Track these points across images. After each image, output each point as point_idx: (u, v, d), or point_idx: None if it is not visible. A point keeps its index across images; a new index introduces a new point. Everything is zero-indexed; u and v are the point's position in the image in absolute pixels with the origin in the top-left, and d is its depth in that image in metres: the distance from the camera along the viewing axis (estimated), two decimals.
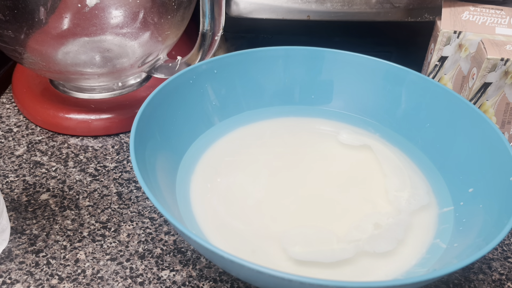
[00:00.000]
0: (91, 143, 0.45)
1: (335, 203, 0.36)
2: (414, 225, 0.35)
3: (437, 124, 0.40)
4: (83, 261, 0.34)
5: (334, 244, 0.33)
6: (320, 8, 0.48)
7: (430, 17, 0.49)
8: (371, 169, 0.39)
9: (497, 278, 0.35)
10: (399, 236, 0.33)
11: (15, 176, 0.41)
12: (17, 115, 0.48)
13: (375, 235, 0.33)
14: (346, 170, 0.39)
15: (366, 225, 0.34)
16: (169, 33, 0.44)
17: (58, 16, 0.39)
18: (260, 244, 0.33)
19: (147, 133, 0.35)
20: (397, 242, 0.33)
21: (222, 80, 0.42)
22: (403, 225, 0.34)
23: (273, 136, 0.42)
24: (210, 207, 0.35)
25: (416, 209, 0.35)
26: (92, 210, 0.38)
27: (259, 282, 0.28)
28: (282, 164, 0.39)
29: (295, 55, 0.44)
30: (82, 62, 0.42)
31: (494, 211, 0.32)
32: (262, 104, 0.44)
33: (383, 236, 0.33)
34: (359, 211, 0.35)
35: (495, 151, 0.35)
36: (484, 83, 0.41)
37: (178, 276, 0.34)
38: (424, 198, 0.36)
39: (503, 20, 0.44)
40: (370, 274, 0.31)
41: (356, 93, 0.44)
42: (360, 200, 0.36)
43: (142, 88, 0.49)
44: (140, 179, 0.30)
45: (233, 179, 0.38)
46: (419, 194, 0.36)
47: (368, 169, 0.39)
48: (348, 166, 0.39)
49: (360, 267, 0.32)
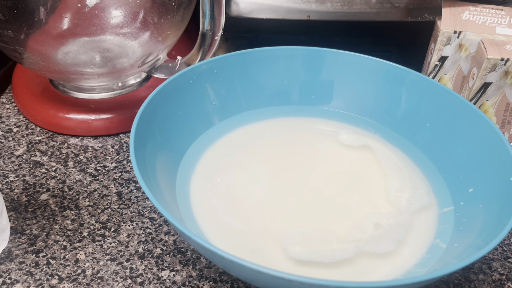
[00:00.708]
0: (91, 143, 0.45)
1: (335, 203, 0.36)
2: (415, 225, 0.35)
3: (437, 124, 0.40)
4: (83, 261, 0.34)
5: (334, 244, 0.33)
6: (320, 8, 0.48)
7: (430, 17, 0.49)
8: (371, 169, 0.39)
9: (497, 278, 0.35)
10: (399, 237, 0.33)
11: (15, 176, 0.41)
12: (17, 115, 0.48)
13: (375, 235, 0.33)
14: (346, 170, 0.39)
15: (366, 225, 0.34)
16: (169, 33, 0.44)
17: (58, 16, 0.39)
18: (260, 244, 0.33)
19: (147, 133, 0.35)
20: (398, 243, 0.33)
21: (222, 80, 0.42)
22: (403, 225, 0.34)
23: (273, 136, 0.42)
24: (210, 207, 0.35)
25: (417, 209, 0.35)
26: (92, 210, 0.38)
27: (259, 282, 0.28)
28: (282, 164, 0.39)
29: (295, 55, 0.44)
30: (82, 62, 0.42)
31: (494, 211, 0.32)
32: (262, 104, 0.44)
33: (383, 237, 0.33)
34: (360, 211, 0.35)
35: (495, 151, 0.35)
36: (484, 83, 0.41)
37: (178, 276, 0.34)
38: (425, 198, 0.36)
39: (503, 20, 0.44)
40: (370, 274, 0.31)
41: (356, 93, 0.44)
42: (360, 200, 0.36)
43: (142, 88, 0.49)
44: (140, 179, 0.30)
45: (233, 179, 0.38)
46: (420, 194, 0.36)
47: (368, 169, 0.39)
48: (348, 166, 0.39)
49: (360, 267, 0.32)
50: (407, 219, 0.35)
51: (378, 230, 0.34)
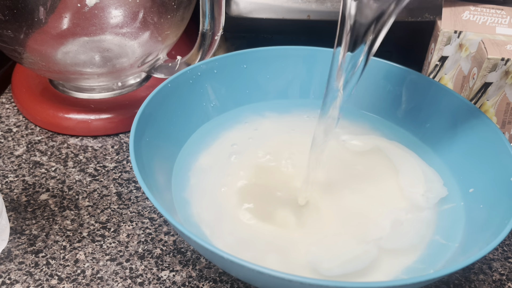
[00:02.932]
0: (90, 143, 0.45)
1: (348, 203, 0.36)
2: (415, 222, 0.34)
3: (437, 124, 0.40)
4: (82, 262, 0.34)
5: (354, 246, 0.32)
6: (320, 8, 0.48)
7: (431, 17, 0.49)
8: (381, 167, 0.39)
9: (497, 278, 0.35)
10: (422, 232, 0.33)
11: (15, 176, 0.41)
12: (16, 115, 0.48)
13: (396, 232, 0.33)
14: (354, 169, 0.39)
15: (384, 223, 0.34)
16: (169, 33, 0.44)
17: (57, 16, 0.39)
18: (260, 243, 0.33)
19: (147, 133, 0.35)
20: (420, 238, 0.33)
21: (222, 80, 0.42)
22: (424, 221, 0.34)
23: (273, 136, 0.42)
24: (210, 207, 0.35)
25: (436, 202, 0.35)
26: (91, 210, 0.38)
27: (259, 282, 0.28)
28: (286, 164, 0.39)
29: (295, 55, 0.44)
30: (81, 62, 0.42)
31: (494, 211, 0.32)
32: (261, 104, 0.44)
33: (405, 232, 0.33)
34: (375, 210, 0.35)
35: (495, 151, 0.35)
36: (485, 83, 0.41)
37: (178, 276, 0.34)
38: (441, 191, 0.36)
39: (503, 20, 0.44)
40: (370, 271, 0.31)
41: (356, 93, 0.43)
42: (374, 199, 0.36)
43: (142, 88, 0.49)
44: (139, 179, 0.30)
45: (233, 179, 0.37)
46: (435, 187, 0.36)
47: (378, 167, 0.39)
48: (357, 166, 0.39)
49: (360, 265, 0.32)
50: (426, 213, 0.34)
51: (398, 227, 0.33)
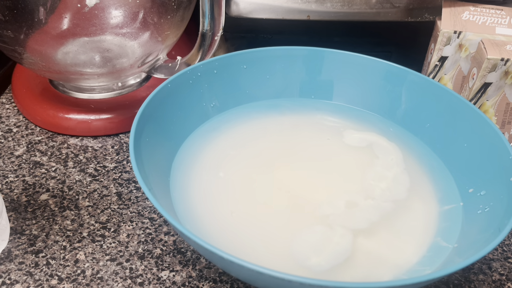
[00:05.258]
0: (90, 143, 0.45)
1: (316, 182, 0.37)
2: (415, 222, 0.35)
3: (437, 125, 0.40)
4: (82, 262, 0.34)
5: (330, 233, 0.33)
6: (320, 8, 0.48)
7: (430, 17, 0.49)
8: (368, 165, 0.39)
9: (497, 278, 0.35)
10: (373, 219, 0.34)
11: (15, 176, 0.41)
12: (16, 115, 0.48)
13: (349, 212, 0.35)
14: (347, 166, 0.39)
15: (338, 202, 0.35)
16: (169, 33, 0.44)
17: (57, 16, 0.39)
18: (260, 243, 0.33)
19: (147, 133, 0.35)
20: (370, 223, 0.34)
21: (222, 80, 0.42)
22: (381, 211, 0.35)
23: (273, 134, 0.42)
24: (210, 207, 0.35)
25: (389, 200, 0.36)
26: (91, 211, 0.38)
27: (259, 282, 0.28)
28: (285, 160, 0.39)
29: (295, 55, 0.44)
30: (81, 62, 0.42)
31: (494, 211, 0.32)
32: (261, 104, 0.44)
33: (356, 215, 0.35)
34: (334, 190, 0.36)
35: (495, 151, 0.35)
36: (484, 83, 0.41)
37: (178, 276, 0.34)
38: (400, 194, 0.37)
39: (503, 20, 0.44)
40: (371, 274, 0.31)
41: (356, 93, 0.44)
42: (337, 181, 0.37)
43: (142, 88, 0.49)
44: (139, 179, 0.30)
45: (233, 179, 0.37)
46: (398, 189, 0.37)
47: (365, 165, 0.39)
48: (350, 163, 0.39)
49: (361, 267, 0.32)
50: (386, 206, 0.35)
51: (352, 209, 0.35)
